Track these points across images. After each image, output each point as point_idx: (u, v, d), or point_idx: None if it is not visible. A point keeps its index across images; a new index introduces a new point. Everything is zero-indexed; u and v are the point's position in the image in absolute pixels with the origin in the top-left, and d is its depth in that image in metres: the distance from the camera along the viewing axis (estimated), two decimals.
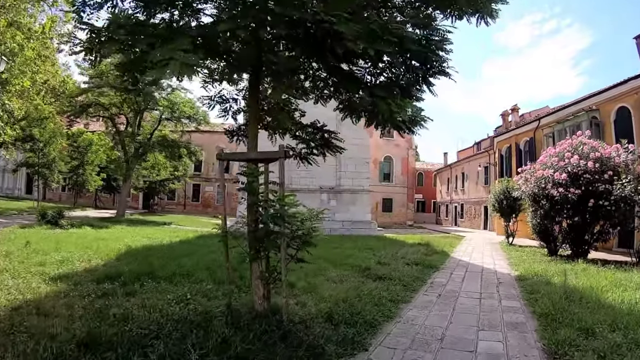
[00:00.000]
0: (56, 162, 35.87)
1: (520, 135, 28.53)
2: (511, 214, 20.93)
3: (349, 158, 25.54)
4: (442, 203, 56.26)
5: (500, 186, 21.29)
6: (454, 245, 19.46)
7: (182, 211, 51.08)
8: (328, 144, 7.58)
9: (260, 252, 5.69)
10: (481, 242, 23.02)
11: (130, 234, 17.48)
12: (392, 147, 48.98)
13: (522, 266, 11.88)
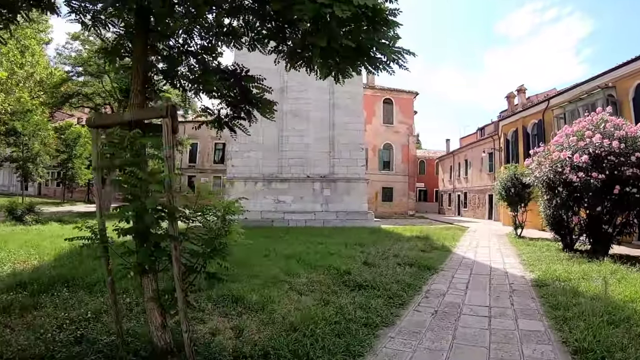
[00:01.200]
0: (41, 156, 34.74)
1: (528, 117, 26.52)
2: (520, 203, 18.93)
3: (343, 144, 23.95)
4: (445, 192, 54.56)
5: (508, 172, 19.33)
6: (457, 238, 17.54)
7: None
8: (250, 100, 5.59)
9: (152, 263, 3.82)
10: (487, 234, 21.12)
11: None
12: (391, 134, 47.07)
13: (538, 266, 9.91)
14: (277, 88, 24.54)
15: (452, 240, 16.22)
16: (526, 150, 25.57)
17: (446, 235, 18.08)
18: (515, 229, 19.40)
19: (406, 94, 47.88)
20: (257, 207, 23.28)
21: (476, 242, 16.34)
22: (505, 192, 19.08)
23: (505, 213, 28.55)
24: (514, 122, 28.71)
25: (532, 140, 25.59)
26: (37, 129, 31.37)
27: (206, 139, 51.72)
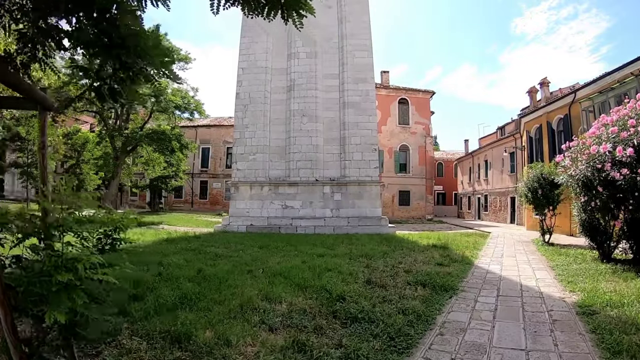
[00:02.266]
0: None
1: (553, 112, 24.68)
2: (548, 206, 17.17)
3: (355, 145, 22.47)
4: (464, 195, 52.80)
5: (534, 172, 17.55)
6: (479, 246, 15.78)
7: (189, 209, 49.51)
8: None
9: None
10: (511, 240, 19.30)
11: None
12: (408, 135, 45.49)
13: (578, 284, 8.16)
14: (284, 86, 23.39)
15: (473, 249, 14.52)
16: (551, 148, 23.87)
17: (466, 242, 16.35)
18: (542, 234, 17.60)
19: (422, 93, 46.35)
20: (263, 213, 22.07)
21: (500, 251, 14.60)
22: (531, 194, 17.34)
23: (529, 217, 26.81)
24: (537, 118, 26.88)
25: (558, 137, 23.86)
26: None
27: (218, 144, 51.09)
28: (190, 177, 50.85)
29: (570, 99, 22.33)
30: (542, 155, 25.24)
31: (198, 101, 30.86)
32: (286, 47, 24.42)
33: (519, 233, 24.18)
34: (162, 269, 8.73)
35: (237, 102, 23.84)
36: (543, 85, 32.09)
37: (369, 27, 24.43)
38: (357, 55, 23.76)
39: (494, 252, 14.15)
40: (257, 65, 24.05)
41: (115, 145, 29.36)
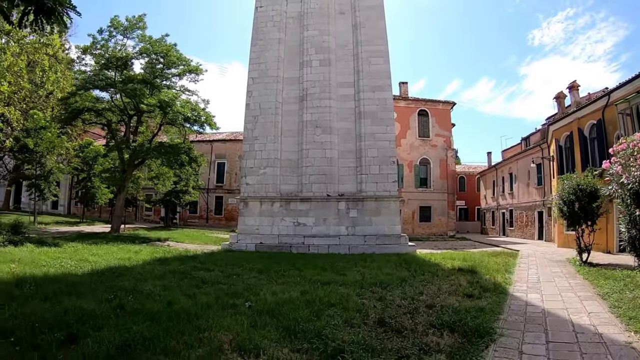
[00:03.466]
0: (54, 173, 33.72)
1: (584, 118, 22.95)
2: (586, 221, 15.46)
3: (372, 157, 21.01)
4: (487, 210, 50.92)
5: (570, 183, 15.86)
6: (510, 268, 14.01)
7: (204, 225, 48.48)
8: None
9: None
10: (543, 260, 17.48)
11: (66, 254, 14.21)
12: (428, 149, 43.90)
13: None
14: (296, 96, 22.06)
15: (504, 272, 12.79)
16: (584, 157, 22.15)
17: (496, 264, 14.58)
18: (579, 253, 15.74)
19: (442, 104, 44.84)
20: (274, 231, 20.67)
21: (536, 274, 12.84)
22: (567, 208, 15.62)
23: (560, 233, 25.03)
24: (567, 125, 25.14)
25: (590, 144, 22.30)
26: (51, 146, 29.88)
27: (234, 159, 50.05)
28: (205, 192, 49.93)
29: (604, 102, 20.62)
30: (574, 165, 23.54)
31: (209, 113, 29.63)
32: (298, 55, 23.24)
33: (550, 251, 22.36)
34: (129, 299, 7.43)
35: (247, 113, 22.63)
36: (572, 89, 29.71)
37: (385, 32, 23.11)
38: (372, 62, 22.42)
39: (528, 276, 12.42)
40: (268, 75, 22.85)
41: (123, 158, 28.40)
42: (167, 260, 13.87)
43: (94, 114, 29.84)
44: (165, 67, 29.00)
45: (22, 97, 22.05)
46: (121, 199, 29.57)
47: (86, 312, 6.43)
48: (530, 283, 11.12)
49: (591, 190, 14.94)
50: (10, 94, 18.64)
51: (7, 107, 19.16)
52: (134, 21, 28.22)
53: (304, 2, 24.01)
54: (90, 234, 25.20)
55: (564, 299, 8.96)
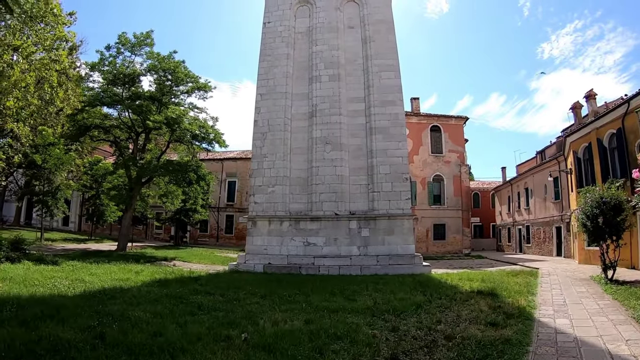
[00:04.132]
0: (61, 190, 33.67)
1: (603, 128, 22.22)
2: (611, 236, 14.63)
3: (384, 174, 20.29)
4: (503, 226, 49.95)
5: (592, 196, 15.08)
6: (532, 288, 13.16)
7: (215, 244, 48.24)
8: None
9: None
10: (565, 278, 16.60)
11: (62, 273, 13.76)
12: (441, 165, 43.12)
13: None
14: (305, 112, 21.49)
15: (526, 293, 11.97)
16: (604, 168, 21.37)
17: (516, 285, 13.76)
18: (604, 270, 15.02)
19: (455, 119, 44.14)
20: (283, 251, 19.91)
21: (560, 296, 12.00)
22: (591, 222, 14.83)
23: (580, 248, 24.19)
24: (585, 135, 24.44)
25: (610, 155, 21.59)
26: (59, 163, 29.70)
27: (244, 177, 49.80)
28: (216, 211, 49.67)
29: (623, 110, 19.94)
30: (593, 177, 22.78)
31: (217, 131, 29.30)
32: (307, 71, 22.74)
33: (571, 268, 21.47)
34: (113, 327, 6.82)
35: (255, 130, 22.08)
36: (589, 98, 28.52)
37: (395, 46, 22.55)
38: (383, 77, 21.83)
39: (553, 298, 11.60)
40: (277, 91, 22.35)
41: (130, 176, 28.10)
42: (167, 282, 13.23)
43: (102, 130, 29.93)
44: (173, 84, 28.82)
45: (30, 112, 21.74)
46: (128, 217, 29.27)
47: (61, 341, 5.85)
48: (556, 306, 10.34)
49: (615, 203, 14.24)
50: (17, 109, 18.30)
51: (16, 123, 19.04)
52: (142, 38, 28.10)
53: (312, 17, 23.62)
54: (96, 251, 24.92)
55: (596, 324, 8.19)
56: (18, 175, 39.65)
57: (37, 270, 13.66)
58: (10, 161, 27.89)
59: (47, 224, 43.39)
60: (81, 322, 7.13)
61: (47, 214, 33.59)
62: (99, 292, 10.48)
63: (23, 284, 10.72)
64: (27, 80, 16.21)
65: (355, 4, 23.69)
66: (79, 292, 10.31)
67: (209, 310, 8.82)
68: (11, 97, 16.29)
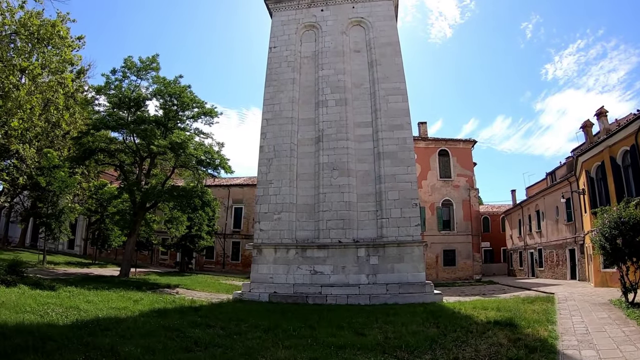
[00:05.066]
0: (65, 213, 33.15)
1: (616, 145, 21.73)
2: (631, 257, 14.00)
3: (393, 200, 19.83)
4: (514, 250, 49.13)
5: (610, 216, 14.52)
6: (551, 316, 12.50)
7: (221, 270, 47.78)
8: None
9: None
10: (584, 303, 15.90)
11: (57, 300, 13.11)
12: (450, 189, 42.69)
13: None
14: (312, 138, 21.16)
15: (546, 322, 11.33)
16: (618, 187, 20.84)
17: (534, 313, 13.14)
18: (624, 293, 14.39)
19: (463, 143, 43.84)
20: (289, 280, 19.39)
21: (582, 323, 11.30)
22: (609, 243, 14.24)
23: (596, 271, 23.54)
24: (597, 154, 23.98)
25: (625, 173, 21.03)
26: (63, 186, 29.51)
27: (251, 204, 49.48)
28: (222, 237, 49.25)
29: (636, 126, 19.46)
30: (608, 197, 22.30)
31: (223, 156, 29.00)
32: (313, 95, 22.57)
33: (588, 292, 20.75)
34: None
35: (261, 156, 21.76)
36: (600, 116, 27.76)
37: (402, 69, 22.32)
38: (390, 100, 21.55)
39: (574, 326, 10.95)
40: (283, 116, 22.10)
41: (134, 200, 27.81)
42: (166, 312, 12.61)
43: (107, 154, 29.72)
44: (179, 109, 28.75)
45: (35, 134, 22.06)
46: (131, 242, 28.94)
47: None
48: (579, 335, 9.72)
49: (635, 222, 13.64)
50: (23, 130, 18.39)
51: (22, 145, 19.22)
52: (147, 62, 28.10)
53: (318, 42, 23.51)
54: (97, 277, 24.56)
55: (625, 355, 7.62)
56: (24, 196, 39.68)
57: (32, 296, 13.14)
58: (15, 182, 27.85)
59: (53, 246, 43.32)
60: (66, 356, 6.64)
61: (50, 237, 33.32)
62: (92, 321, 9.92)
63: (14, 310, 10.22)
64: (33, 102, 16.04)
65: (361, 27, 23.62)
66: (70, 321, 9.80)
67: (206, 346, 8.25)
68: (16, 118, 16.16)
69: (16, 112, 15.83)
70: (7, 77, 14.68)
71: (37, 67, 15.44)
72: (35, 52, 15.82)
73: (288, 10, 24.55)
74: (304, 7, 24.42)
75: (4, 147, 21.33)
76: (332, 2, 24.19)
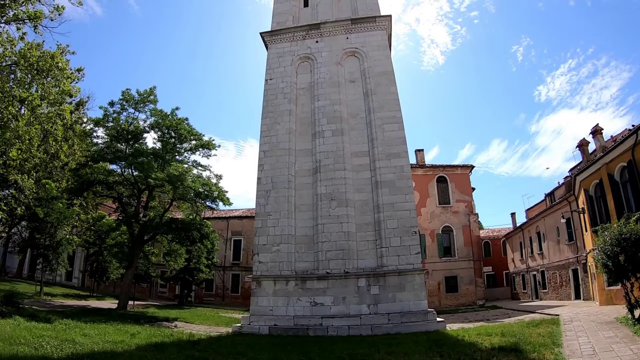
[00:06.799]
0: (63, 244, 33.33)
1: (613, 162, 21.75)
2: (635, 273, 13.82)
3: (392, 229, 19.81)
4: (517, 273, 48.85)
5: (611, 233, 14.41)
6: (556, 339, 12.29)
7: (220, 303, 47.59)
8: None
9: None
10: (589, 323, 15.71)
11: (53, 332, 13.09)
12: (450, 216, 42.73)
13: None
14: (310, 169, 21.21)
15: (551, 344, 11.17)
16: (617, 203, 20.84)
17: (539, 336, 12.97)
18: (630, 310, 14.26)
19: (460, 168, 44.06)
20: (289, 312, 19.18)
21: (588, 344, 11.08)
22: (611, 261, 14.12)
23: (601, 289, 23.44)
24: (595, 172, 24.05)
25: (623, 189, 20.98)
26: (62, 217, 29.44)
27: (250, 236, 49.05)
28: (221, 270, 49.07)
29: (632, 141, 19.45)
30: (608, 214, 22.24)
31: (221, 188, 29.08)
32: (310, 126, 22.75)
33: (593, 311, 20.50)
34: None
35: (259, 187, 21.80)
36: (596, 134, 27.78)
37: (397, 97, 22.51)
38: (387, 129, 21.67)
39: (581, 347, 10.78)
40: (280, 147, 22.22)
41: (132, 233, 27.74)
42: (163, 346, 12.41)
43: (105, 186, 29.86)
44: (177, 142, 28.95)
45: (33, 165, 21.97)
46: (129, 274, 28.84)
47: None
48: (586, 356, 9.60)
49: (636, 237, 13.46)
50: (21, 161, 18.29)
51: (20, 175, 19.04)
52: (145, 94, 28.47)
53: (314, 73, 23.79)
54: (95, 309, 24.52)
55: None
56: (22, 227, 39.48)
57: (27, 328, 13.06)
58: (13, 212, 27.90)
59: (50, 278, 43.05)
60: None
61: (47, 268, 33.13)
62: (87, 355, 9.84)
63: (8, 342, 10.18)
64: (32, 133, 16.23)
65: (356, 58, 23.92)
66: (65, 355, 9.74)
67: None
68: (15, 148, 16.25)
69: (15, 142, 15.96)
70: (6, 108, 14.84)
71: (37, 98, 15.64)
72: (35, 83, 16.07)
73: (283, 42, 24.92)
74: (299, 39, 24.80)
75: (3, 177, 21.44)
76: (327, 34, 24.57)
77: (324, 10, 25.76)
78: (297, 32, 24.93)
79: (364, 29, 24.38)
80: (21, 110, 15.95)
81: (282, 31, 25.21)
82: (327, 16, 25.28)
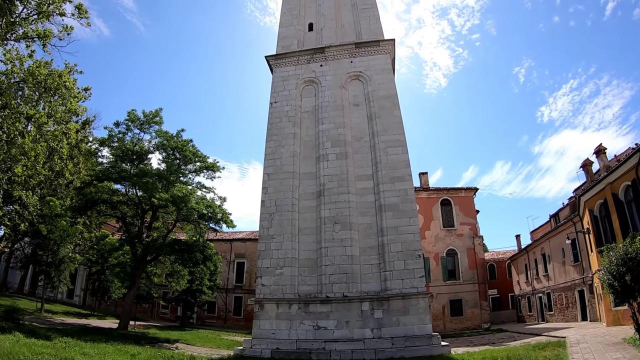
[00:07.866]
0: (66, 262, 33.31)
1: (617, 182, 21.73)
2: None
3: (396, 252, 19.74)
4: (522, 296, 48.53)
5: (617, 254, 14.31)
6: None
7: (222, 325, 47.19)
8: None
9: None
10: (597, 344, 15.58)
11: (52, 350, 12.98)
12: (454, 239, 42.53)
13: None
14: (313, 192, 21.22)
15: None
16: (623, 223, 20.72)
17: (546, 359, 12.93)
18: (637, 330, 14.12)
19: (464, 191, 44.00)
20: (292, 335, 18.99)
21: None
22: (617, 281, 14.01)
23: (607, 310, 23.22)
24: (599, 192, 24.01)
25: (628, 208, 20.83)
26: (65, 235, 29.45)
27: (253, 259, 49.39)
28: (224, 292, 48.89)
29: (636, 160, 19.46)
30: (613, 234, 22.09)
31: (225, 210, 29.12)
32: (314, 150, 22.80)
33: (600, 333, 20.27)
34: None
35: (262, 210, 21.80)
36: (599, 153, 27.92)
37: (401, 121, 22.60)
38: (390, 152, 21.73)
39: None
40: (284, 170, 22.29)
41: (135, 253, 27.76)
42: None
43: (109, 205, 29.89)
44: (181, 163, 29.10)
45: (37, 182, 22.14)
46: (131, 294, 28.78)
47: None
48: None
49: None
50: (26, 177, 18.44)
51: (25, 192, 19.00)
52: (150, 116, 28.75)
53: (318, 97, 23.93)
54: (95, 328, 24.51)
55: None
56: (25, 243, 39.78)
57: (26, 344, 13.00)
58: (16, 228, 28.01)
59: (52, 295, 43.02)
60: None
61: (49, 286, 33.14)
62: None
63: (7, 358, 10.21)
64: (37, 150, 16.39)
65: (360, 81, 24.10)
66: None
67: None
68: (20, 164, 16.42)
69: (20, 158, 16.13)
70: (13, 124, 15.06)
71: (43, 115, 15.88)
72: (42, 100, 16.24)
73: (288, 66, 25.16)
74: (303, 62, 25.03)
75: (7, 192, 21.63)
76: (331, 58, 24.78)
77: (328, 34, 26.06)
78: (301, 56, 25.18)
79: (368, 53, 24.60)
80: (28, 127, 16.11)
81: (287, 55, 25.48)
82: (331, 40, 25.58)
